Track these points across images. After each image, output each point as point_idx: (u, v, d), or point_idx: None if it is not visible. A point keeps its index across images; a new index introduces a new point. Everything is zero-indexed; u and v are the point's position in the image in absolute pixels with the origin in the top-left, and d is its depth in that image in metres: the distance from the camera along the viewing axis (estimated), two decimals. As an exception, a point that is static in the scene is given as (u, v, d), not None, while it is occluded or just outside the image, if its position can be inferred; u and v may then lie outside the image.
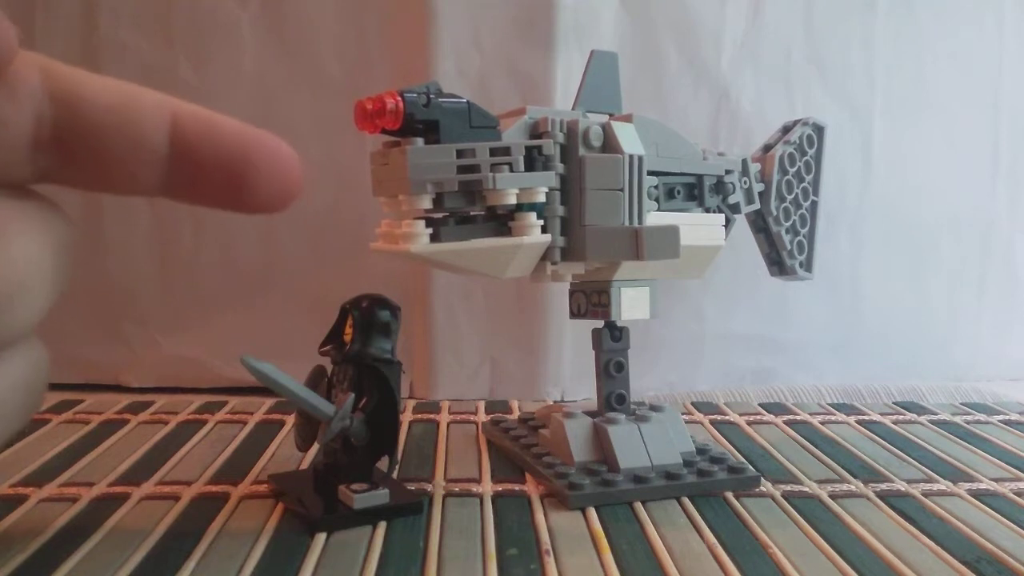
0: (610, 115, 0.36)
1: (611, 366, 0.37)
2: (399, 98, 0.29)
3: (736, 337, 0.56)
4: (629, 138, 0.34)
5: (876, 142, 0.57)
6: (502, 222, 0.32)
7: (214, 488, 0.33)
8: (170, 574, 0.25)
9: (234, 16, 0.52)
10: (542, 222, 0.32)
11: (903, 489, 0.34)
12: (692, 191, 0.37)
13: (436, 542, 0.28)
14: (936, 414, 0.47)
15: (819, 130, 0.43)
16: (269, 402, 0.45)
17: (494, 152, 0.31)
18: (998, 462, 0.38)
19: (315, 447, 0.33)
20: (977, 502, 0.33)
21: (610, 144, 0.33)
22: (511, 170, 0.31)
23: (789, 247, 0.42)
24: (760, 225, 0.42)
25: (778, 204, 0.42)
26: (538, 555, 0.27)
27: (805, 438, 0.41)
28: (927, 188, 0.58)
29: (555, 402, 0.52)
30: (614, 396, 0.37)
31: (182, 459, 0.37)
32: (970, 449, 0.40)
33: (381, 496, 0.30)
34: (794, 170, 0.42)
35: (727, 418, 0.45)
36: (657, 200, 0.35)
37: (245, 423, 0.42)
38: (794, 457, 0.38)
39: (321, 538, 0.28)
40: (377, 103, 0.29)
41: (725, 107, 0.54)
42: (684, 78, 0.54)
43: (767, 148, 0.42)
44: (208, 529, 0.29)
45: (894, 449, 0.40)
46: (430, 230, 0.30)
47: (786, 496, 0.33)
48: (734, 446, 0.40)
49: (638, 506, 0.32)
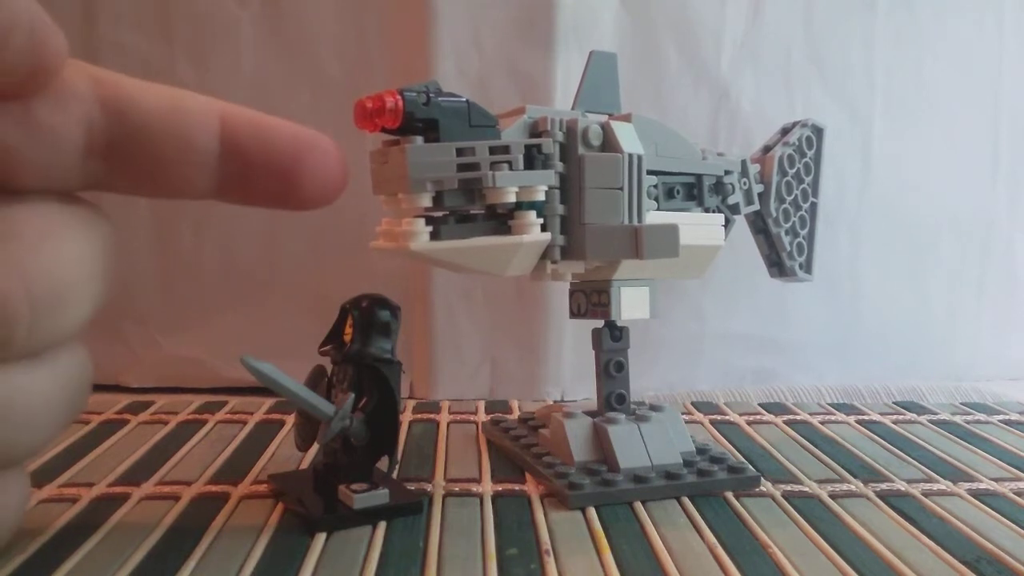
0: (609, 115, 0.36)
1: (611, 366, 0.37)
2: (399, 97, 0.29)
3: (736, 337, 0.56)
4: (628, 137, 0.34)
5: (876, 142, 0.57)
6: (502, 220, 0.32)
7: (214, 488, 0.33)
8: (170, 574, 0.25)
9: (234, 16, 0.52)
10: (542, 220, 0.32)
11: (903, 489, 0.34)
12: (691, 191, 0.37)
13: (436, 542, 0.28)
14: (936, 414, 0.47)
15: (818, 132, 0.43)
16: (269, 402, 0.45)
17: (494, 151, 0.31)
18: (998, 462, 0.38)
19: (315, 447, 0.33)
20: (977, 502, 0.33)
21: (609, 143, 0.33)
22: (511, 169, 0.31)
23: (789, 248, 0.42)
24: (760, 226, 0.42)
25: (778, 205, 0.42)
26: (538, 555, 0.27)
27: (805, 438, 0.41)
28: (927, 188, 0.58)
29: (555, 402, 0.52)
30: (614, 396, 0.37)
31: (182, 459, 0.37)
32: (970, 449, 0.40)
33: (381, 496, 0.30)
34: (793, 171, 0.42)
35: (727, 418, 0.45)
36: (656, 199, 0.35)
37: (245, 423, 0.42)
38: (794, 457, 0.38)
39: (321, 538, 0.28)
40: (377, 102, 0.29)
41: (725, 107, 0.54)
42: (684, 78, 0.54)
43: (766, 149, 0.42)
44: (208, 529, 0.29)
45: (894, 449, 0.40)
46: (430, 228, 0.30)
47: (786, 496, 0.33)
48: (734, 446, 0.40)
49: (638, 506, 0.32)
